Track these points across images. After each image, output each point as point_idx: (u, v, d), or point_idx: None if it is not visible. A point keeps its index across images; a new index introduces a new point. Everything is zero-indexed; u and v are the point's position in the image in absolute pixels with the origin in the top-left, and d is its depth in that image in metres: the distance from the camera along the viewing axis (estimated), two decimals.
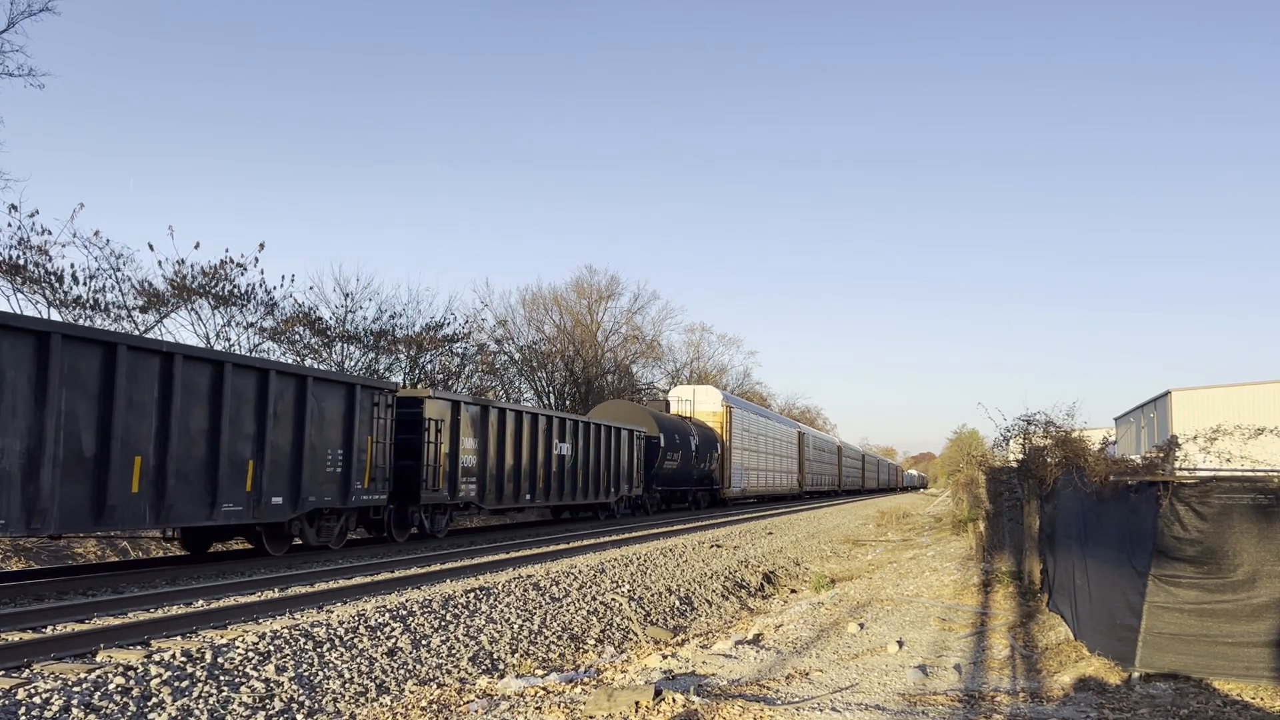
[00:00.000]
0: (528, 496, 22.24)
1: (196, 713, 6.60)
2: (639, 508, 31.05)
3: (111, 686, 6.67)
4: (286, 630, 8.60)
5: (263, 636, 8.31)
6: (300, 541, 15.55)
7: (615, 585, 13.54)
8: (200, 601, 10.47)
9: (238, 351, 24.58)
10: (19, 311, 20.28)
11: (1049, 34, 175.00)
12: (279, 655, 7.95)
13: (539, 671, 8.73)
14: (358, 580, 12.50)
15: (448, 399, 19.04)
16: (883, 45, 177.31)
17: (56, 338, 10.68)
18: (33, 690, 6.42)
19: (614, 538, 20.56)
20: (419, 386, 20.86)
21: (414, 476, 17.78)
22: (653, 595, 13.58)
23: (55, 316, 21.24)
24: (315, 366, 26.17)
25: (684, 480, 35.07)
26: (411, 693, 7.81)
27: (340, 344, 29.34)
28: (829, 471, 67.02)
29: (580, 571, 14.03)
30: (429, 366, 33.60)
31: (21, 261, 21.03)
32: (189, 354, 12.78)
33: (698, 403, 40.13)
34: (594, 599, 12.48)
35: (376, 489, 16.51)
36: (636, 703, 6.49)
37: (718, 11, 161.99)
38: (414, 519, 18.40)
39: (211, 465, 12.90)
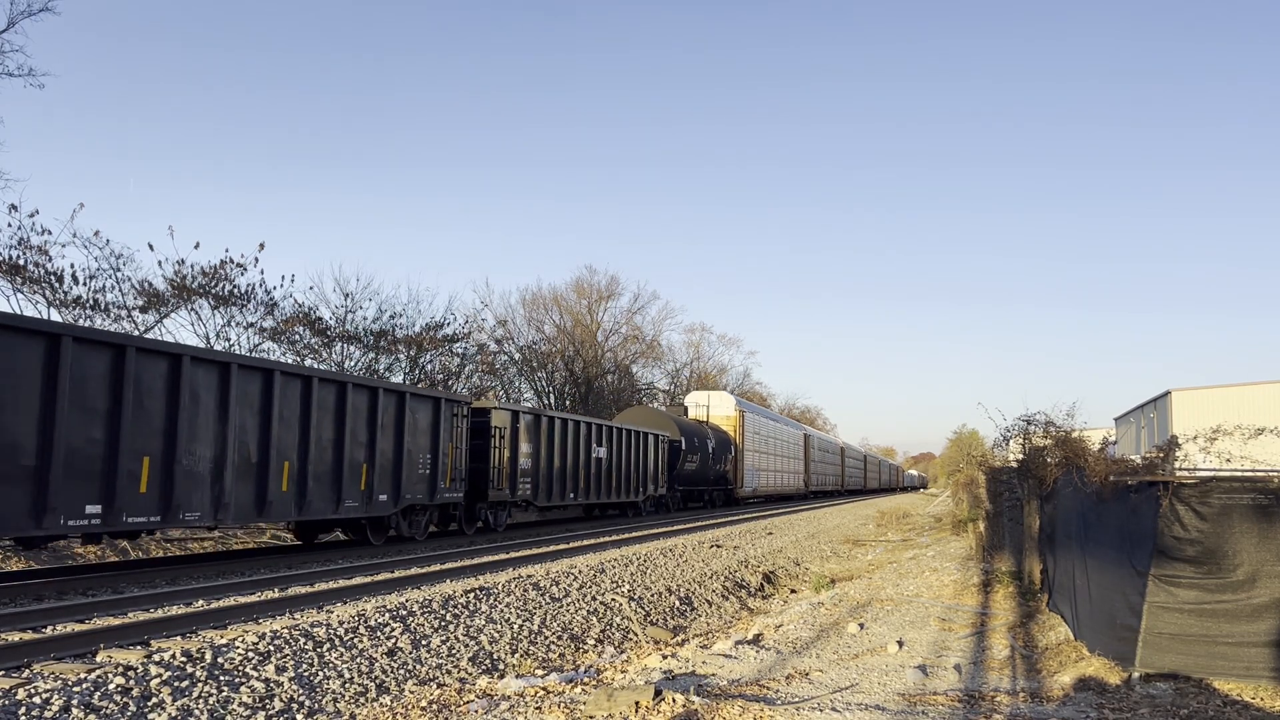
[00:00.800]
0: (571, 495, 24.61)
1: (196, 713, 6.60)
2: (662, 506, 33.34)
3: (111, 686, 6.67)
4: (286, 630, 8.60)
5: (263, 636, 8.31)
6: (394, 533, 17.74)
7: (615, 585, 13.54)
8: (200, 601, 10.47)
9: (238, 352, 24.61)
10: (19, 311, 20.28)
11: (1049, 34, 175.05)
12: (279, 655, 7.95)
13: (539, 671, 8.73)
14: (358, 580, 12.50)
15: (509, 409, 21.55)
16: (883, 45, 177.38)
17: (234, 366, 13.34)
18: (33, 690, 6.42)
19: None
20: (486, 398, 23.88)
21: (482, 477, 20.31)
22: (653, 595, 13.58)
23: (55, 317, 21.25)
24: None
25: (701, 481, 37.20)
26: (411, 693, 7.81)
27: (340, 344, 29.35)
28: (833, 472, 68.67)
29: (580, 571, 14.03)
30: (429, 367, 33.60)
31: (21, 261, 21.04)
32: (323, 377, 15.32)
33: (712, 407, 42.48)
34: (594, 599, 12.48)
35: (455, 488, 19.04)
36: (636, 703, 6.49)
37: (718, 11, 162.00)
38: (481, 514, 20.79)
39: (337, 469, 15.40)
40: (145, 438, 11.92)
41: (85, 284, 22.15)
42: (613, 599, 12.69)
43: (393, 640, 8.99)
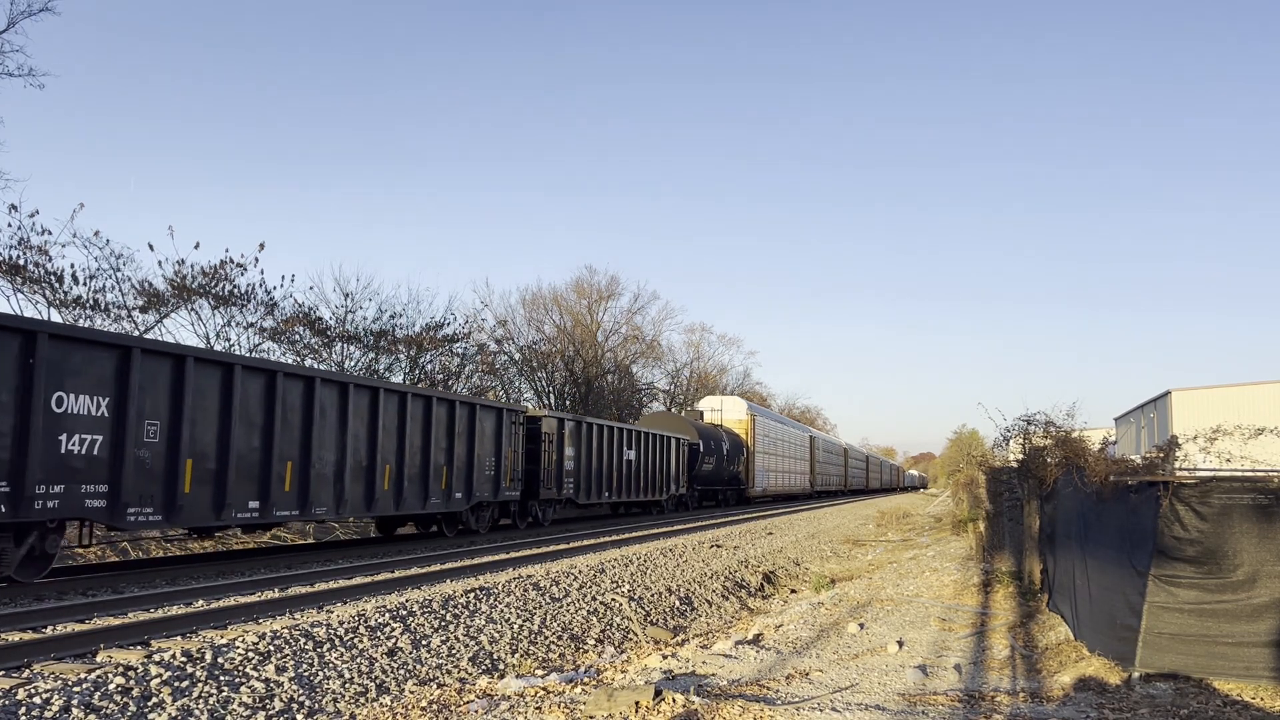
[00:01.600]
0: (606, 494, 27.28)
1: (196, 713, 6.59)
2: (682, 505, 35.83)
3: (111, 686, 6.67)
4: (286, 630, 8.60)
5: (263, 636, 8.30)
6: (462, 526, 20.29)
7: (615, 585, 13.54)
8: (200, 601, 10.46)
9: (238, 352, 24.61)
10: (18, 312, 20.28)
11: (1049, 33, 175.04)
12: (279, 655, 7.95)
13: (539, 671, 8.73)
14: (358, 580, 12.49)
15: (556, 416, 24.26)
16: (884, 44, 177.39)
17: (351, 386, 15.81)
18: (33, 690, 6.42)
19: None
20: (538, 408, 26.14)
21: (534, 478, 22.77)
22: (653, 595, 13.57)
23: (55, 317, 21.25)
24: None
25: (717, 481, 39.78)
26: (411, 693, 7.81)
27: (340, 344, 29.34)
28: (836, 472, 70.60)
29: (580, 571, 14.03)
30: (429, 367, 33.60)
31: (21, 261, 21.03)
32: (415, 393, 17.72)
33: (725, 411, 45.48)
34: (594, 599, 12.48)
35: (514, 488, 21.73)
36: (636, 703, 6.49)
37: (719, 9, 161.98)
38: (533, 510, 23.39)
39: (424, 471, 17.91)
40: (288, 446, 14.39)
41: (85, 284, 22.16)
42: (613, 599, 12.69)
43: (393, 640, 8.99)
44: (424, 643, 9.19)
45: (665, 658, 8.95)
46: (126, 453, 11.61)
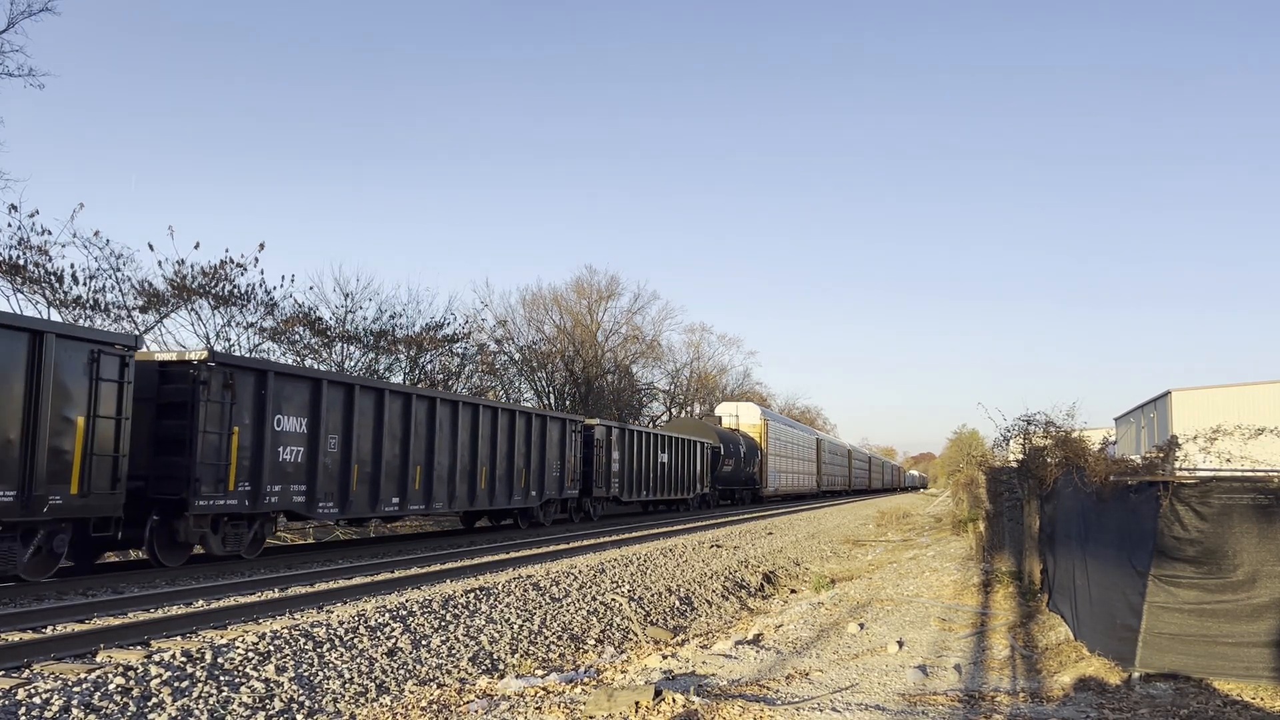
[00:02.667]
0: (644, 493, 30.73)
1: (196, 713, 6.60)
2: (705, 503, 38.85)
3: (111, 686, 6.67)
4: (286, 630, 8.60)
5: (263, 636, 8.30)
6: (531, 520, 23.55)
7: (615, 585, 13.54)
8: (200, 601, 10.47)
9: (237, 353, 24.62)
10: (19, 312, 20.27)
11: (1050, 30, 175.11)
12: (279, 655, 7.95)
13: (539, 671, 8.73)
14: (358, 580, 12.50)
15: (605, 424, 27.82)
16: (884, 40, 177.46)
17: (460, 404, 19.66)
18: (33, 690, 6.42)
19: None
20: (592, 418, 29.05)
21: (589, 478, 26.42)
22: (653, 595, 13.57)
23: (55, 317, 21.24)
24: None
25: (734, 481, 42.95)
26: (411, 693, 7.81)
27: (340, 344, 29.34)
28: (840, 473, 73.46)
29: (580, 571, 14.03)
30: (429, 367, 33.61)
31: (21, 261, 21.04)
32: (503, 408, 21.54)
33: (741, 417, 48.75)
34: (594, 599, 12.48)
35: (574, 487, 25.27)
36: (636, 703, 6.49)
37: (718, 7, 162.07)
38: (585, 506, 26.85)
39: (509, 473, 21.57)
40: (418, 453, 17.82)
41: (85, 284, 22.17)
42: (613, 599, 12.69)
43: (393, 640, 8.99)
44: (424, 643, 9.19)
45: (665, 658, 8.95)
46: (318, 460, 15.17)
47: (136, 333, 21.07)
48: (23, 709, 6.10)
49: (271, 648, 8.07)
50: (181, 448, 12.85)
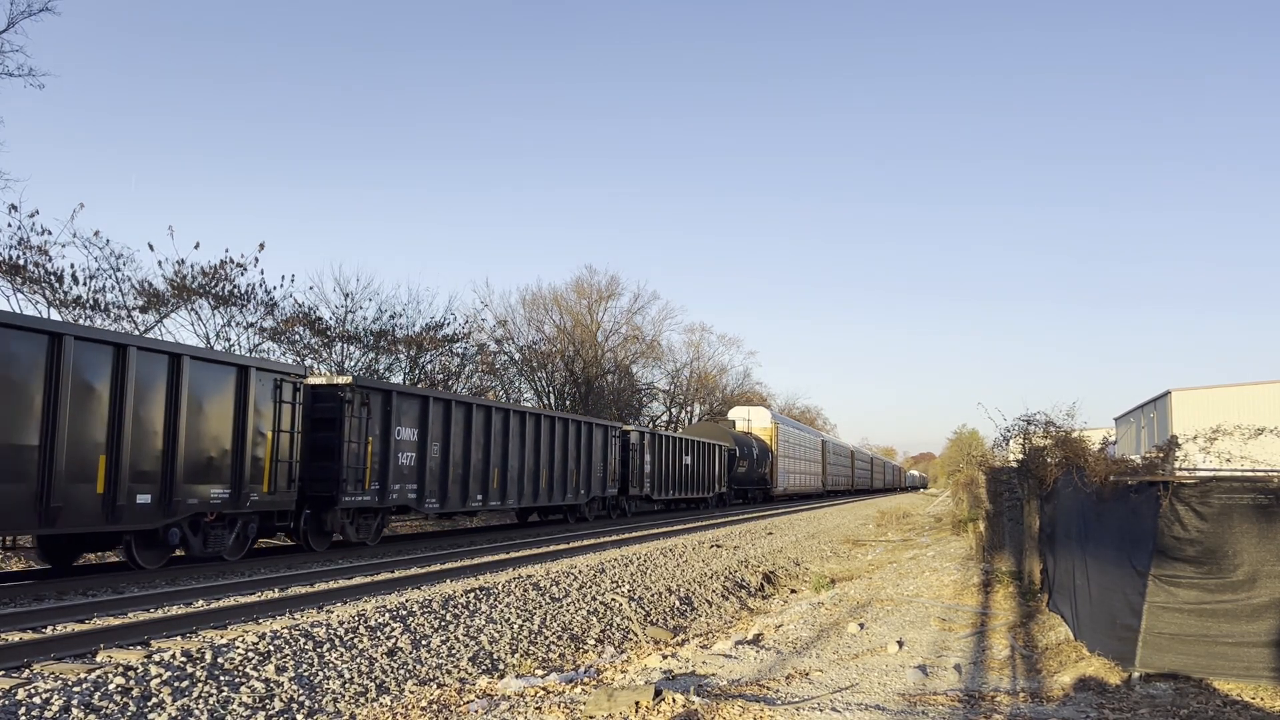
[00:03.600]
0: (672, 491, 33.59)
1: (196, 713, 6.60)
2: (722, 501, 41.62)
3: (111, 686, 6.67)
4: (286, 630, 8.60)
5: (263, 636, 8.31)
6: (578, 516, 26.62)
7: (615, 585, 13.54)
8: (200, 601, 10.47)
9: (237, 352, 24.62)
10: (19, 311, 20.26)
11: (1051, 30, 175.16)
12: (279, 655, 7.95)
13: (539, 671, 8.73)
14: (358, 580, 12.50)
15: (639, 430, 31.11)
16: (883, 40, 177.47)
17: (527, 415, 22.88)
18: (33, 690, 6.42)
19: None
20: (628, 424, 32.68)
21: (626, 479, 29.37)
22: (653, 595, 13.57)
23: (55, 317, 21.24)
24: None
25: (748, 481, 45.71)
26: (411, 693, 7.81)
27: (340, 344, 29.34)
28: (844, 473, 75.88)
29: (580, 571, 14.03)
30: (429, 367, 33.60)
31: (21, 261, 21.03)
32: (559, 417, 24.85)
33: (753, 420, 51.80)
34: (594, 599, 12.48)
35: (614, 486, 28.39)
36: (636, 703, 6.49)
37: (718, 6, 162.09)
38: (622, 504, 29.70)
39: (565, 475, 24.64)
40: (495, 457, 21.04)
41: (85, 284, 22.16)
42: (613, 599, 12.69)
43: (393, 640, 8.99)
44: (424, 643, 9.19)
45: (665, 658, 8.95)
46: (425, 464, 18.21)
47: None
48: (23, 709, 6.10)
49: (271, 648, 8.07)
50: (331, 455, 15.80)
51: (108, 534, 12.42)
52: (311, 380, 16.01)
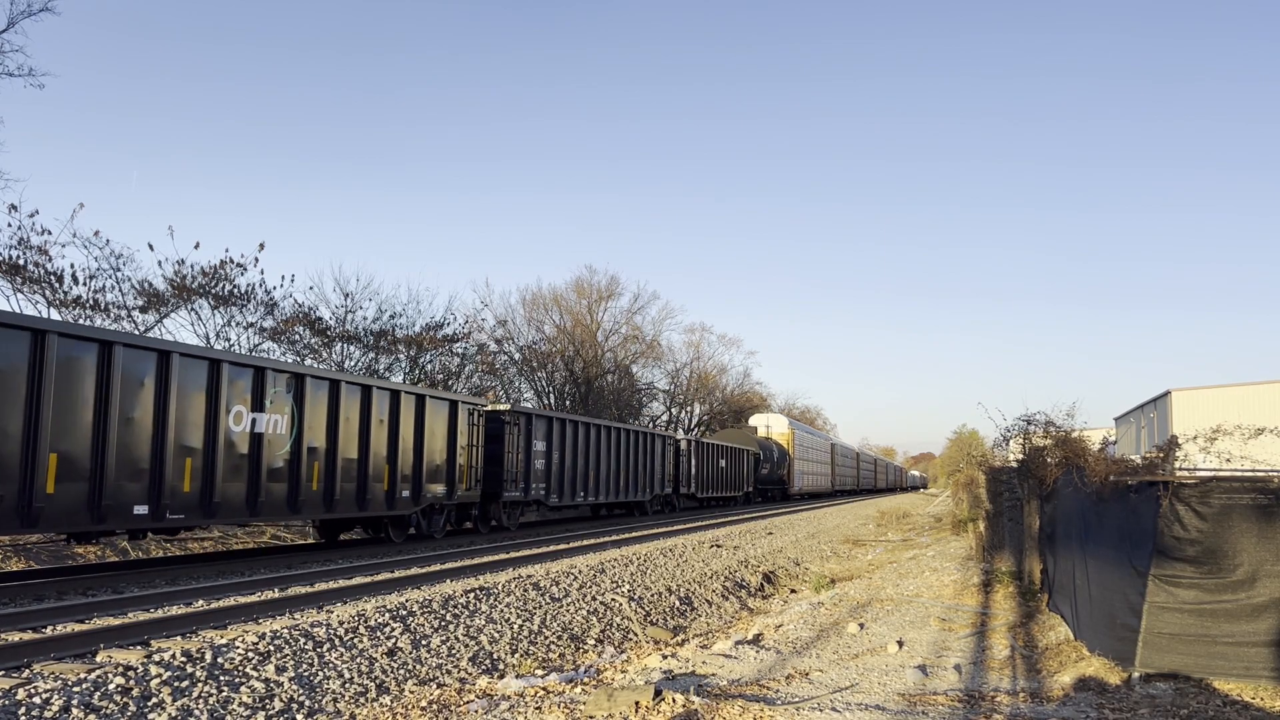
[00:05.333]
0: (710, 490, 38.93)
1: (196, 713, 6.60)
2: (749, 499, 46.78)
3: (111, 686, 6.67)
4: (286, 630, 8.60)
5: (263, 636, 8.30)
6: (640, 511, 31.83)
7: (615, 585, 13.54)
8: (200, 601, 10.47)
9: (237, 351, 24.62)
10: (19, 311, 20.26)
11: (1050, 31, 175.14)
12: (279, 655, 7.95)
13: (539, 671, 8.73)
14: (358, 580, 12.49)
15: (687, 438, 36.52)
16: (883, 40, 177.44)
17: (613, 428, 28.21)
18: (33, 690, 6.42)
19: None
20: (679, 433, 38.64)
21: (676, 479, 34.86)
22: (653, 595, 13.57)
23: (55, 317, 21.24)
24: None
25: (769, 482, 51.06)
26: (411, 693, 7.81)
27: (340, 344, 29.32)
28: (850, 473, 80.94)
29: (580, 571, 14.03)
30: (429, 366, 33.58)
31: (21, 261, 21.01)
32: (627, 428, 29.81)
33: (772, 427, 57.61)
34: (594, 599, 12.48)
35: (668, 486, 33.58)
36: (636, 703, 6.49)
37: (718, 7, 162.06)
38: (673, 501, 35.12)
39: (634, 476, 29.77)
40: (594, 462, 26.43)
41: (85, 284, 22.13)
42: (613, 599, 12.69)
43: (393, 640, 8.99)
44: (424, 643, 9.19)
45: (665, 658, 8.95)
46: (550, 468, 23.87)
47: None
48: (23, 709, 6.10)
49: (271, 648, 8.07)
50: (497, 462, 21.42)
51: (373, 519, 17.73)
52: (484, 407, 21.54)
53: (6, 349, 10.51)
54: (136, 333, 21.70)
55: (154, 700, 6.63)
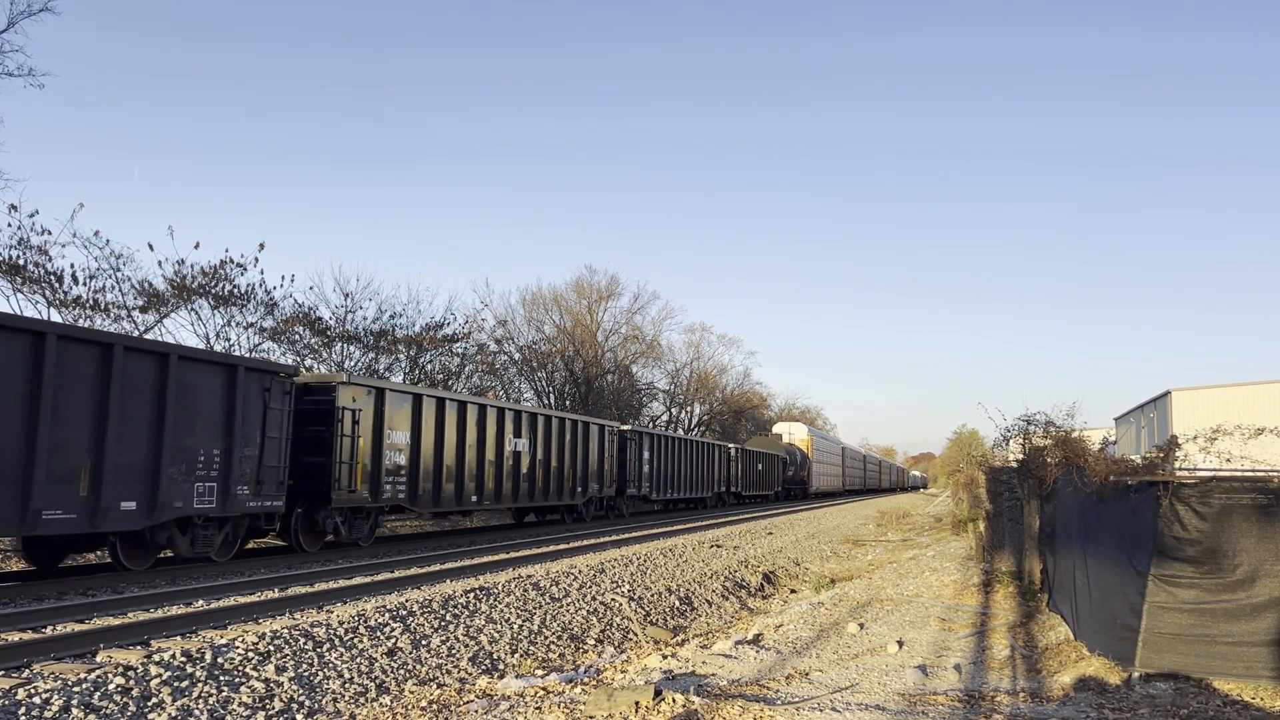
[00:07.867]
0: (750, 490, 46.26)
1: (196, 713, 6.59)
2: (778, 497, 53.90)
3: (111, 686, 6.67)
4: (286, 630, 8.60)
5: (263, 636, 8.30)
6: (706, 506, 38.88)
7: (615, 585, 13.54)
8: (200, 601, 10.46)
9: (237, 352, 24.61)
10: (19, 312, 20.26)
11: (1050, 30, 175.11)
12: (279, 655, 7.95)
13: (539, 671, 8.73)
14: (358, 580, 12.49)
15: (735, 445, 44.79)
16: (884, 39, 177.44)
17: (688, 440, 36.93)
18: (33, 690, 6.42)
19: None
20: (728, 442, 44.32)
21: (729, 480, 42.06)
22: (653, 595, 13.57)
23: (55, 317, 21.24)
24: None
25: (793, 483, 58.30)
26: (411, 693, 7.81)
27: (340, 344, 29.32)
28: (858, 474, 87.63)
29: (580, 571, 14.03)
30: (429, 367, 33.58)
31: (21, 261, 21.02)
32: (696, 440, 37.81)
33: (794, 434, 63.49)
34: (594, 599, 12.48)
35: (724, 486, 40.50)
36: (636, 703, 6.49)
37: (718, 6, 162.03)
38: (726, 499, 42.43)
39: (701, 477, 37.52)
40: (676, 466, 33.92)
41: (85, 284, 22.14)
42: (613, 599, 12.69)
43: (393, 640, 8.99)
44: (424, 643, 9.18)
45: (665, 658, 8.95)
46: (652, 472, 30.47)
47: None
48: (23, 709, 6.10)
49: (271, 648, 8.07)
50: (623, 467, 29.05)
51: (563, 506, 25.06)
52: (619, 428, 27.80)
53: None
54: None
55: (154, 700, 6.63)
